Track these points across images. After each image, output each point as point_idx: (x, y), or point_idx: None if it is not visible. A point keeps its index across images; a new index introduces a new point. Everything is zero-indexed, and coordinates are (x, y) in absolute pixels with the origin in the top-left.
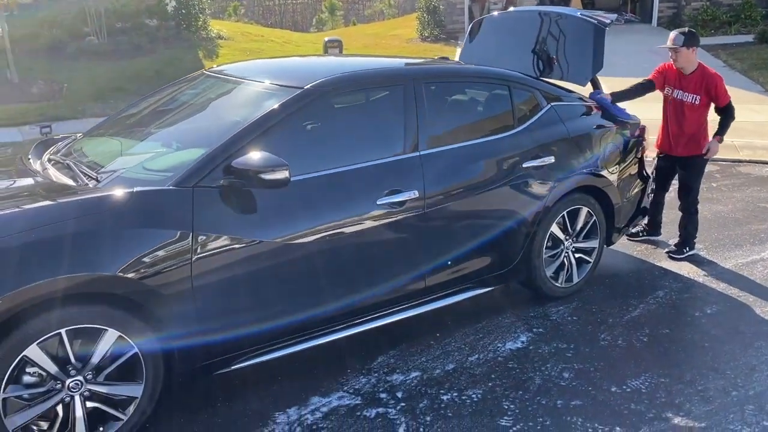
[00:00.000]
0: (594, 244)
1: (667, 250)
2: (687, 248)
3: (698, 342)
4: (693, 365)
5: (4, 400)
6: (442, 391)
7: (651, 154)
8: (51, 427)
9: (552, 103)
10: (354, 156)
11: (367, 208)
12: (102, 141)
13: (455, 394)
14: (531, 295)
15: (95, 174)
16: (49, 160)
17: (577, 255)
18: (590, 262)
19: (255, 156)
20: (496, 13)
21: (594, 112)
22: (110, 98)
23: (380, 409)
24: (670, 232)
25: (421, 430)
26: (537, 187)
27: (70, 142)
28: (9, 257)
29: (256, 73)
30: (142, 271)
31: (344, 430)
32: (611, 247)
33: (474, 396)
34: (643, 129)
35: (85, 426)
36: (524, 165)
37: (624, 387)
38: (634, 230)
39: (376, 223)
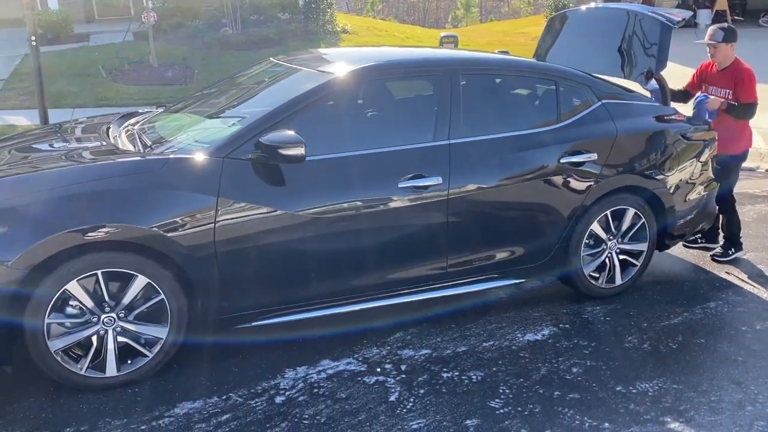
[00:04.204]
0: (642, 247)
1: (711, 253)
2: (732, 249)
3: (732, 355)
4: (715, 376)
5: (48, 325)
6: (444, 370)
7: None
8: (86, 354)
9: (603, 101)
10: (381, 140)
11: (388, 191)
12: (173, 117)
13: (456, 373)
14: (571, 293)
15: (150, 143)
16: (126, 130)
17: (621, 257)
18: (636, 266)
19: (278, 133)
20: (584, 7)
21: (654, 112)
22: None
23: (380, 378)
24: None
25: (412, 400)
26: (574, 184)
27: (147, 117)
28: (58, 206)
29: (313, 60)
30: (171, 228)
31: (341, 391)
32: (673, 252)
33: (474, 377)
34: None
35: (116, 357)
36: (561, 161)
37: (630, 388)
38: (691, 237)
39: (396, 206)
